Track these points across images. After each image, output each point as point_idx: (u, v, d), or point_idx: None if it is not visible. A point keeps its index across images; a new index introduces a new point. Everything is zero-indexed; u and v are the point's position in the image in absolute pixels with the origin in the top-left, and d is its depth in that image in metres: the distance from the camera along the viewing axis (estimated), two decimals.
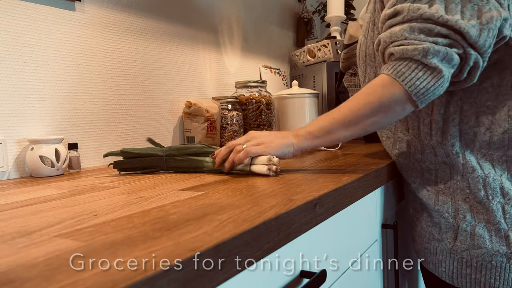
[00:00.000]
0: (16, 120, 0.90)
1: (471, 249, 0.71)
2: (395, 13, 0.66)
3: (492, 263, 0.69)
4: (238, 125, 1.36)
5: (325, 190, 0.54)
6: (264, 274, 0.44)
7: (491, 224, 0.69)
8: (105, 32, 1.10)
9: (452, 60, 0.62)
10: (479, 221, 0.70)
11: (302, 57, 1.85)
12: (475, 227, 0.70)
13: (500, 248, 0.68)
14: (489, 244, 0.69)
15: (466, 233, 0.71)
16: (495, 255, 0.69)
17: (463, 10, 0.62)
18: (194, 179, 0.70)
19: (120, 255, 0.31)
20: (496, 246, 0.69)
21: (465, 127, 0.71)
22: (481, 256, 0.70)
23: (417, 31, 0.63)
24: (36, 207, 0.53)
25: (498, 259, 0.69)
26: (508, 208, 0.68)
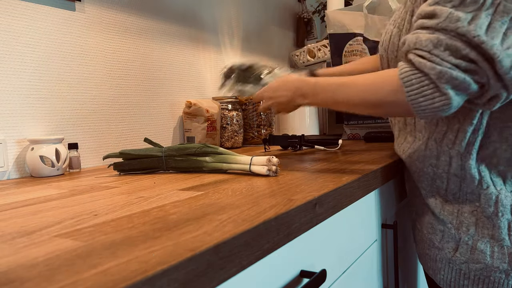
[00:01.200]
0: (16, 120, 0.90)
1: (470, 262, 0.70)
2: (432, 15, 0.60)
3: (491, 278, 0.69)
4: (238, 125, 1.37)
5: (325, 190, 0.54)
6: (264, 274, 0.44)
7: (495, 240, 0.68)
8: (105, 32, 1.10)
9: (468, 89, 0.58)
10: (483, 236, 0.69)
11: (302, 57, 1.85)
12: (477, 242, 0.69)
13: (501, 265, 0.68)
14: (489, 260, 0.68)
15: (467, 246, 0.70)
16: (494, 271, 0.68)
17: (507, 32, 0.55)
18: (194, 179, 0.70)
19: (120, 255, 0.31)
20: (497, 262, 0.68)
21: (486, 141, 0.68)
22: (480, 271, 0.69)
23: (444, 47, 0.57)
24: (36, 207, 0.53)
25: (497, 275, 0.68)
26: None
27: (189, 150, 0.79)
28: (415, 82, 0.60)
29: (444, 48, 0.57)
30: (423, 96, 0.59)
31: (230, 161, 0.75)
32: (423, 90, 0.59)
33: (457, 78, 0.56)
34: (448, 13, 0.57)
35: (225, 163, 0.75)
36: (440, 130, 0.73)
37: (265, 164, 0.69)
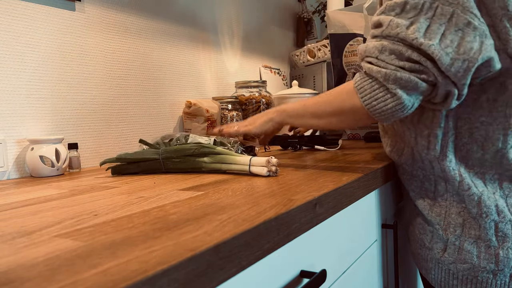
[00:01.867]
0: (16, 120, 0.90)
1: (458, 262, 0.71)
2: (378, 24, 0.65)
3: (478, 278, 0.70)
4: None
5: (325, 190, 0.54)
6: (264, 274, 0.44)
7: (482, 240, 0.69)
8: (105, 32, 1.10)
9: (418, 87, 0.61)
10: (470, 237, 0.70)
11: (302, 57, 1.85)
12: (464, 242, 0.70)
13: (488, 265, 0.68)
14: (476, 260, 0.69)
15: (454, 247, 0.71)
16: (482, 271, 0.69)
17: (445, 33, 0.59)
18: (194, 179, 0.70)
19: (120, 255, 0.31)
20: (484, 262, 0.69)
21: (459, 143, 0.70)
22: (467, 271, 0.70)
23: (388, 52, 0.62)
24: (36, 207, 0.53)
25: (484, 275, 0.69)
26: (502, 226, 0.68)
27: (187, 151, 0.78)
28: (367, 87, 0.65)
29: (388, 52, 0.62)
30: (376, 100, 0.64)
31: (229, 162, 0.74)
32: (375, 94, 0.64)
33: (402, 78, 0.60)
34: (389, 21, 0.62)
35: (224, 164, 0.75)
36: (410, 137, 0.75)
37: (265, 165, 0.69)
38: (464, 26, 0.58)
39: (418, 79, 0.60)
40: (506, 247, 0.67)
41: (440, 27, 0.59)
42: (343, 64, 1.46)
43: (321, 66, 1.70)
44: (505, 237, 0.67)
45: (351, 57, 1.43)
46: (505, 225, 0.67)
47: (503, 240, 0.67)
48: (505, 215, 0.67)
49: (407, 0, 0.61)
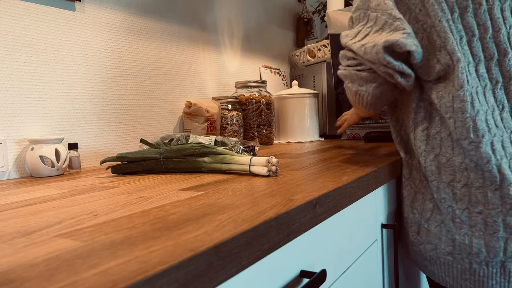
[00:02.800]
0: (16, 120, 0.90)
1: (426, 243, 0.79)
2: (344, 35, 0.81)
3: (441, 259, 0.77)
4: (238, 125, 1.37)
5: (325, 190, 0.54)
6: (264, 274, 0.44)
7: (444, 225, 0.75)
8: (105, 32, 1.10)
9: (362, 77, 0.78)
10: (435, 221, 0.77)
11: (302, 57, 1.85)
12: (432, 225, 0.78)
13: (447, 248, 0.75)
14: (438, 242, 0.76)
15: (424, 229, 0.79)
16: (443, 253, 0.76)
17: (369, 33, 0.75)
18: (194, 179, 0.70)
19: (120, 255, 0.31)
20: (444, 245, 0.76)
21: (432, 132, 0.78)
22: (432, 251, 0.78)
23: (342, 57, 0.81)
24: (36, 207, 0.53)
25: (446, 258, 0.76)
26: (459, 213, 0.73)
27: (187, 150, 0.78)
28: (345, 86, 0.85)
29: (342, 57, 0.82)
30: (348, 94, 0.85)
31: (229, 162, 0.74)
32: (347, 90, 0.85)
33: (347, 75, 0.81)
34: (345, 32, 0.81)
35: (224, 164, 0.75)
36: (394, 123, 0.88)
37: (265, 165, 0.69)
38: (383, 25, 0.72)
39: (356, 71, 0.77)
40: (462, 233, 0.73)
41: (368, 29, 0.75)
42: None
43: (321, 66, 1.70)
44: (462, 223, 0.73)
45: None
46: (462, 212, 0.73)
47: (460, 227, 0.74)
48: (463, 203, 0.73)
49: (351, 16, 0.80)
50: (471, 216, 0.72)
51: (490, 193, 0.71)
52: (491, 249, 0.71)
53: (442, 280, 0.78)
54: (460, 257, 0.74)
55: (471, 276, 0.74)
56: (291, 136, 1.54)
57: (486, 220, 0.71)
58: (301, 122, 1.53)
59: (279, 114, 1.57)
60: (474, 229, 0.72)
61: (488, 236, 0.71)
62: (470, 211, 0.73)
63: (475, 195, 0.72)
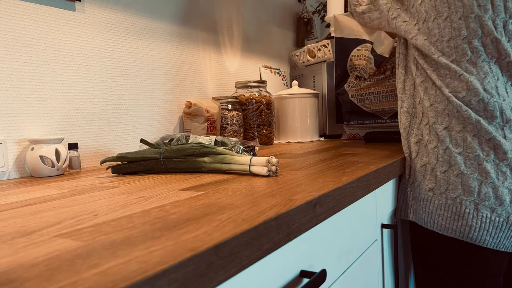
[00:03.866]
0: (16, 120, 0.90)
1: (413, 182, 0.89)
2: None
3: (422, 195, 0.86)
4: (238, 125, 1.36)
5: (325, 190, 0.54)
6: (264, 274, 0.44)
7: (429, 164, 0.85)
8: (105, 32, 1.10)
9: None
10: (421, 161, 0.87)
11: (302, 57, 1.85)
12: (417, 165, 0.88)
13: (430, 184, 0.84)
14: (422, 179, 0.86)
15: (412, 170, 0.90)
16: (425, 190, 0.85)
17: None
18: (194, 179, 0.70)
19: (120, 255, 0.31)
20: (427, 182, 0.85)
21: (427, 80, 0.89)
22: (416, 189, 0.88)
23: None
24: (36, 207, 0.53)
25: (427, 194, 0.85)
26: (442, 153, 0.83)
27: (187, 150, 0.78)
28: None
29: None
30: None
31: (229, 162, 0.74)
32: None
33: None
34: None
35: (224, 164, 0.75)
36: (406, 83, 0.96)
37: (265, 165, 0.69)
38: None
39: None
40: (443, 170, 0.82)
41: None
42: (347, 66, 1.46)
43: (321, 66, 1.70)
44: (444, 162, 0.82)
45: (357, 61, 1.43)
46: (444, 152, 0.82)
47: (442, 165, 0.83)
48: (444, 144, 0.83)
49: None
50: (451, 156, 0.82)
51: (469, 138, 0.80)
52: (466, 188, 0.79)
53: (419, 218, 0.86)
54: (439, 192, 0.83)
55: (444, 211, 0.81)
56: (291, 136, 1.54)
57: (465, 161, 0.80)
58: (301, 122, 1.53)
59: (279, 114, 1.57)
60: (454, 168, 0.81)
61: (465, 176, 0.80)
62: (451, 151, 0.82)
63: (455, 138, 0.82)
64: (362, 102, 1.41)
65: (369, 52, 1.36)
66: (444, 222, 0.81)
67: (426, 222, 0.84)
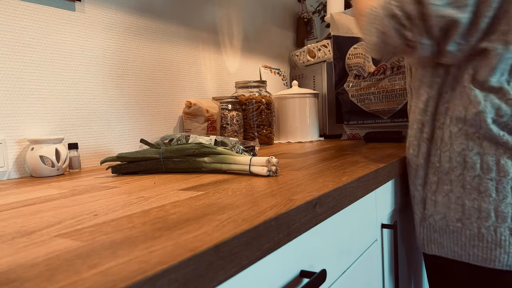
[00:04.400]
0: (16, 120, 0.90)
1: (434, 215, 0.80)
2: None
3: (450, 227, 0.78)
4: (238, 125, 1.37)
5: (325, 190, 0.54)
6: (264, 274, 0.44)
7: (453, 193, 0.77)
8: (105, 32, 1.10)
9: None
10: (443, 191, 0.78)
11: (302, 57, 1.85)
12: (439, 196, 0.79)
13: (457, 215, 0.77)
14: (447, 211, 0.78)
15: (431, 201, 0.80)
16: (452, 221, 0.77)
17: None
18: (194, 179, 0.70)
19: (120, 255, 0.31)
20: (453, 212, 0.77)
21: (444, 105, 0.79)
22: (441, 221, 0.79)
23: None
24: (36, 207, 0.53)
25: (455, 225, 0.77)
26: (470, 180, 0.75)
27: (187, 150, 0.78)
28: None
29: None
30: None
31: (229, 162, 0.74)
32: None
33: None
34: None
35: (224, 164, 0.75)
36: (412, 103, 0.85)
37: (265, 165, 0.69)
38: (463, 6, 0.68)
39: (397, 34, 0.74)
40: (472, 199, 0.75)
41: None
42: (345, 65, 1.46)
43: (321, 66, 1.70)
44: (472, 189, 0.75)
45: (354, 59, 1.43)
46: (473, 179, 0.75)
47: (470, 193, 0.75)
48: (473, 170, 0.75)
49: None
50: (481, 182, 0.74)
51: (502, 161, 0.73)
52: (500, 213, 0.73)
53: (450, 251, 0.78)
54: (469, 222, 0.75)
55: (479, 242, 0.75)
56: (291, 136, 1.54)
57: (496, 187, 0.73)
58: (301, 122, 1.53)
59: (279, 114, 1.57)
60: (484, 195, 0.74)
61: (497, 202, 0.73)
62: (481, 177, 0.74)
63: (487, 163, 0.74)
64: (362, 102, 1.41)
65: None
66: (481, 253, 0.75)
67: (460, 255, 0.77)
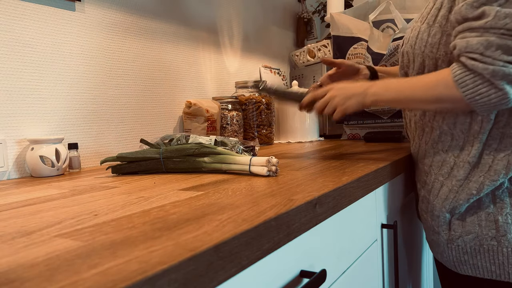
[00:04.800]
0: (16, 120, 0.90)
1: (464, 235, 0.76)
2: (479, 15, 0.64)
3: (484, 246, 0.74)
4: (238, 125, 1.37)
5: (325, 190, 0.54)
6: (264, 274, 0.44)
7: (481, 210, 0.73)
8: (105, 32, 1.10)
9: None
10: (470, 209, 0.75)
11: (302, 57, 1.85)
12: (466, 215, 0.75)
13: (490, 232, 0.73)
14: (479, 229, 0.74)
15: (458, 222, 0.76)
16: (486, 239, 0.73)
17: None
18: (194, 179, 0.70)
19: (120, 255, 0.31)
20: (486, 230, 0.73)
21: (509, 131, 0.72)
22: (473, 241, 0.75)
23: (495, 47, 0.62)
24: (36, 207, 0.53)
25: (490, 243, 0.73)
26: (499, 194, 0.72)
27: (187, 150, 0.78)
28: (469, 82, 0.65)
29: (495, 48, 0.62)
30: (479, 94, 0.65)
31: (229, 162, 0.74)
32: (478, 89, 0.65)
33: (510, 74, 0.62)
34: (496, 12, 0.61)
35: (224, 164, 0.75)
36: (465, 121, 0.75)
37: (265, 165, 0.69)
38: None
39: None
40: (504, 213, 0.71)
41: None
42: None
43: (321, 66, 1.70)
44: (503, 203, 0.72)
45: (354, 59, 1.43)
46: (502, 192, 0.72)
47: (502, 207, 0.72)
48: (501, 183, 0.72)
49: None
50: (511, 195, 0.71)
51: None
52: None
53: (487, 271, 0.74)
54: (505, 239, 0.71)
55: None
56: (291, 136, 1.54)
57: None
58: (301, 122, 1.53)
59: (279, 114, 1.57)
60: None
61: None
62: (510, 191, 0.72)
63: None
64: None
65: (365, 50, 1.36)
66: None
67: (499, 275, 0.73)
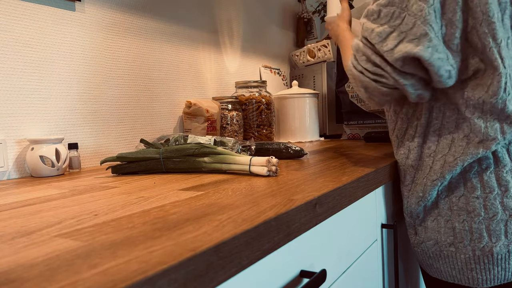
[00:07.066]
0: (16, 120, 0.90)
1: (426, 241, 0.78)
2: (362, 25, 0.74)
3: (444, 252, 0.76)
4: (238, 125, 1.36)
5: (325, 190, 0.54)
6: (264, 274, 0.44)
7: (441, 216, 0.75)
8: (105, 32, 1.10)
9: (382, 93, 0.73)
10: (431, 216, 0.77)
11: (302, 57, 1.85)
12: (428, 221, 0.77)
13: (448, 239, 0.75)
14: (438, 235, 0.76)
15: (421, 228, 0.79)
16: (445, 245, 0.75)
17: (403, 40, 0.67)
18: (194, 179, 0.70)
19: (120, 255, 0.31)
20: (444, 237, 0.75)
21: (444, 132, 0.75)
22: (434, 247, 0.77)
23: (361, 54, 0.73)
24: (36, 207, 0.53)
25: (448, 249, 0.75)
26: (456, 201, 0.74)
27: (187, 150, 0.78)
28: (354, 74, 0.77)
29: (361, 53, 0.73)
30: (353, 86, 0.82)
31: (229, 162, 0.74)
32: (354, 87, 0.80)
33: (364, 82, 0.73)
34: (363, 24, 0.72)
35: (224, 164, 0.75)
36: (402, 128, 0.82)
37: (265, 165, 0.69)
38: (421, 36, 0.65)
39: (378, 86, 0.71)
40: (461, 220, 0.73)
41: (400, 34, 0.67)
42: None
43: (321, 66, 1.70)
44: (460, 210, 0.73)
45: None
46: (459, 199, 0.74)
47: (459, 214, 0.73)
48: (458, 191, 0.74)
49: (381, 9, 0.69)
50: (468, 202, 0.73)
51: (485, 177, 0.72)
52: (493, 233, 0.70)
53: (449, 276, 0.76)
54: (463, 245, 0.73)
55: (476, 264, 0.72)
56: (291, 136, 1.54)
57: (484, 204, 0.71)
58: (301, 122, 1.53)
59: (279, 114, 1.57)
60: (473, 214, 0.72)
61: (487, 220, 0.71)
62: (467, 197, 0.73)
63: (470, 181, 0.73)
64: (362, 102, 1.41)
65: None
66: (479, 275, 0.72)
67: (460, 279, 0.75)
